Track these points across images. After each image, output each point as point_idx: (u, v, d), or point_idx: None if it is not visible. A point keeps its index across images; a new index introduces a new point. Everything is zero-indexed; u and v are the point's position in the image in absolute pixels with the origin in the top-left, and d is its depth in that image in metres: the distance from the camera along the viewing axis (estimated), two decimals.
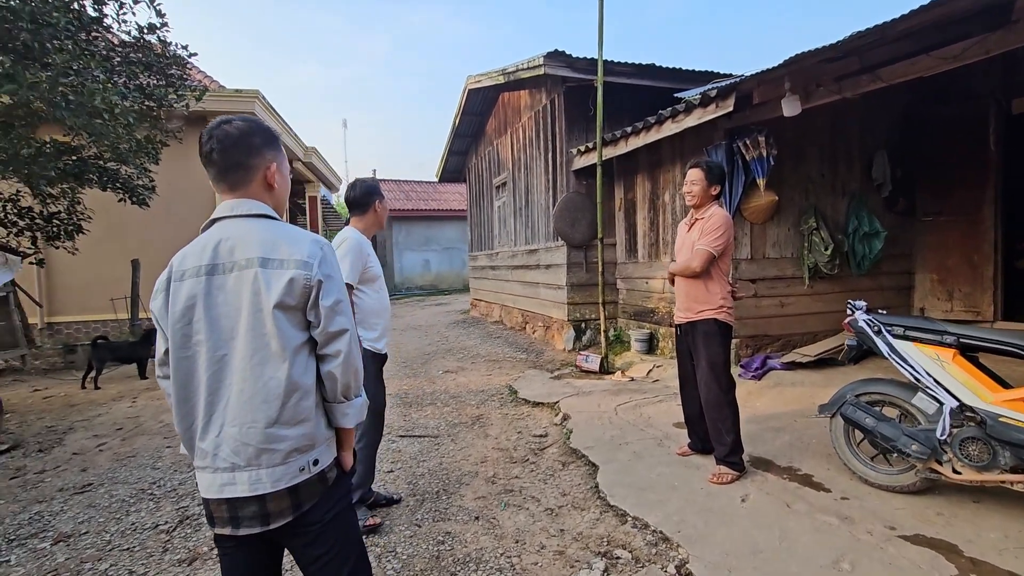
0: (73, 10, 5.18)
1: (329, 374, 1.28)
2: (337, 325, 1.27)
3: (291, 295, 1.21)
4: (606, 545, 2.44)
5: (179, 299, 1.23)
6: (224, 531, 1.25)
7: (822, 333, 4.99)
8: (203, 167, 1.31)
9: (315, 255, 1.25)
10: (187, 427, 1.26)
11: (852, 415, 2.74)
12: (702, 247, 2.97)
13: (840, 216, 5.12)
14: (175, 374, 1.24)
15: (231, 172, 1.29)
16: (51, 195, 6.38)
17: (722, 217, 3.00)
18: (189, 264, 1.24)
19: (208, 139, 1.28)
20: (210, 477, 1.24)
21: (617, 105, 6.52)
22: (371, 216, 2.76)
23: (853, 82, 3.53)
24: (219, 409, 1.22)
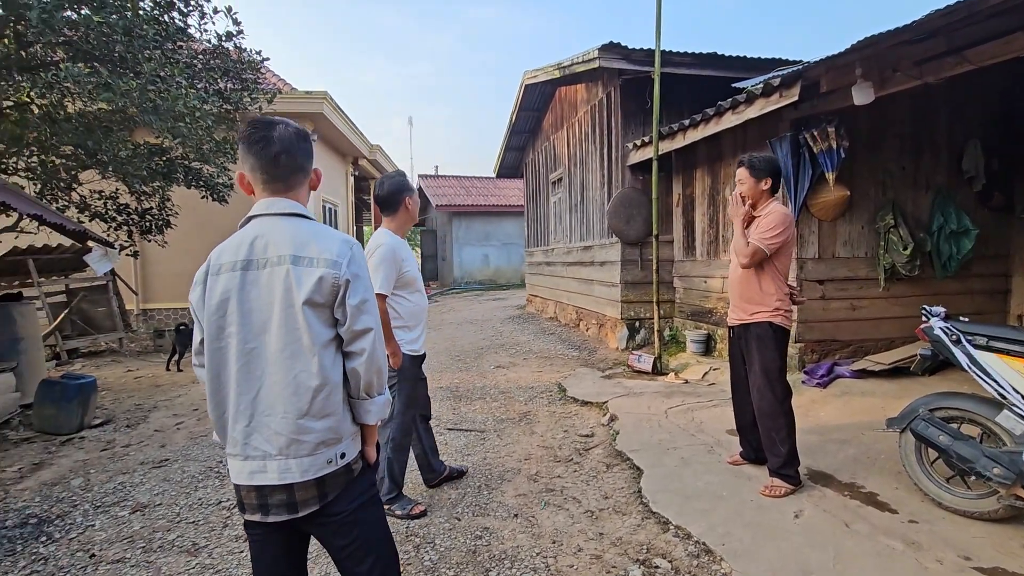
0: (161, 22, 5.62)
1: (353, 371, 1.32)
2: (362, 324, 1.30)
3: (320, 293, 1.25)
4: (645, 553, 2.38)
5: (215, 292, 1.27)
6: (254, 517, 1.31)
7: (899, 340, 4.60)
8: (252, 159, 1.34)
9: (344, 255, 1.29)
10: (219, 415, 1.30)
11: (924, 431, 2.52)
12: (753, 241, 2.82)
13: (922, 212, 4.70)
14: (209, 364, 1.29)
15: (294, 174, 1.35)
16: (144, 192, 6.99)
17: (780, 215, 2.82)
18: (226, 259, 1.29)
19: (273, 141, 1.31)
20: (241, 464, 1.29)
21: (675, 97, 6.29)
22: (403, 214, 2.72)
23: (936, 65, 3.20)
24: (249, 399, 1.27)
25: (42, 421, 4.30)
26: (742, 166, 2.93)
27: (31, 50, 5.44)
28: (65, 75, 4.72)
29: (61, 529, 2.77)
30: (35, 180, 6.31)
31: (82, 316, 7.74)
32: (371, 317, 1.32)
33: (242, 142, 1.33)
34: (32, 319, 5.24)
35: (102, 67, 5.20)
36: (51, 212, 5.16)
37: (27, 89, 5.78)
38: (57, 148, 6.19)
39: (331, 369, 1.29)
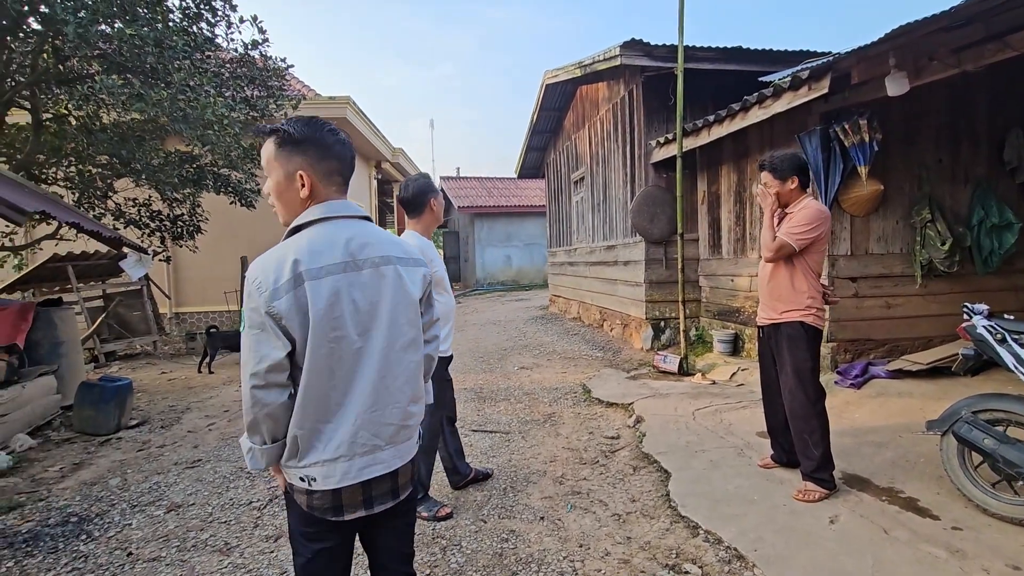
0: (190, 33, 5.78)
1: (427, 356, 1.46)
2: (434, 314, 1.49)
3: (422, 289, 1.39)
4: (674, 558, 2.34)
5: (321, 295, 1.20)
6: (356, 514, 1.29)
7: (937, 339, 4.44)
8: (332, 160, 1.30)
9: (422, 254, 1.47)
10: (312, 424, 1.24)
11: (967, 435, 2.41)
12: (780, 235, 2.75)
13: (961, 206, 4.52)
14: (313, 372, 1.21)
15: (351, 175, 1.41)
16: (176, 199, 7.20)
17: (813, 210, 2.75)
18: (326, 261, 1.23)
19: (349, 142, 1.35)
20: (345, 466, 1.25)
21: (699, 93, 6.19)
22: (428, 215, 2.70)
23: (976, 52, 3.07)
24: (355, 398, 1.25)
25: (82, 422, 4.45)
26: (764, 169, 2.87)
27: (68, 64, 5.65)
28: (100, 87, 4.89)
29: (100, 527, 2.85)
30: (73, 189, 6.55)
31: (118, 320, 8.00)
32: (435, 308, 1.50)
33: (317, 139, 1.28)
34: (72, 323, 5.43)
35: (135, 78, 5.37)
36: (88, 220, 5.34)
37: (65, 101, 6.01)
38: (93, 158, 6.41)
39: (422, 356, 1.42)
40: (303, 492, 1.27)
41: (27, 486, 3.42)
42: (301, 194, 1.28)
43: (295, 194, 1.28)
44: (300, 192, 1.27)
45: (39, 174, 6.27)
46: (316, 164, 1.28)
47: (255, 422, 1.23)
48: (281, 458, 1.27)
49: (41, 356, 4.93)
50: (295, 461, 1.26)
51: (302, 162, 1.27)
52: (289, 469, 1.28)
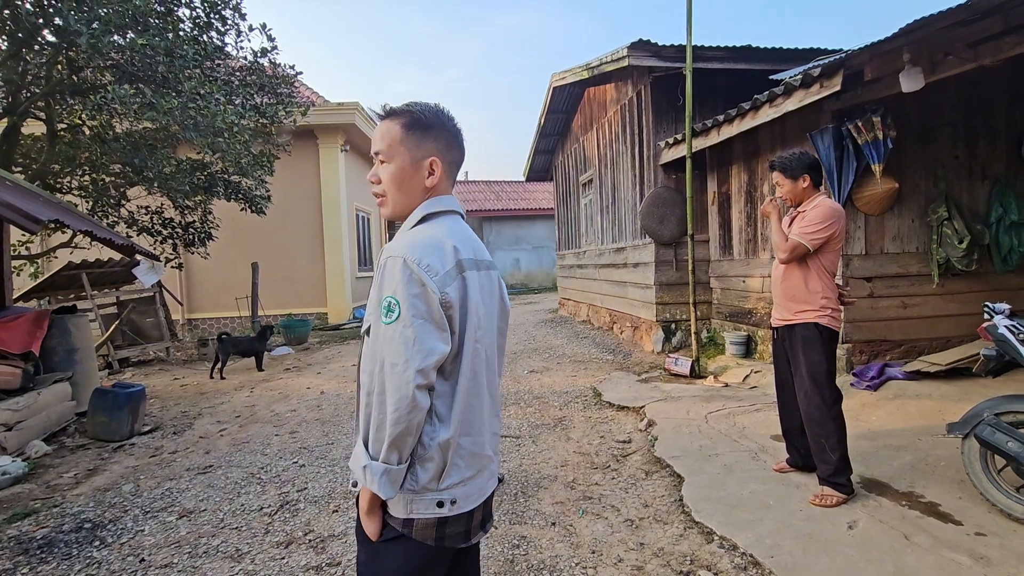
0: (200, 42, 5.85)
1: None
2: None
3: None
4: (689, 564, 2.29)
5: (475, 289, 1.11)
6: (478, 537, 1.19)
7: (955, 339, 4.34)
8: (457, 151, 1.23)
9: None
10: (459, 436, 1.10)
11: (990, 437, 2.35)
12: (793, 236, 2.72)
13: (979, 203, 4.43)
14: (465, 375, 1.10)
15: None
16: (187, 206, 7.28)
17: (826, 208, 2.70)
18: (467, 255, 1.13)
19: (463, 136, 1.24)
20: (480, 482, 1.15)
21: (708, 93, 6.15)
22: None
23: (994, 46, 3.01)
24: (485, 405, 1.17)
25: (95, 428, 4.49)
26: (775, 169, 2.85)
27: (82, 74, 5.74)
28: (113, 96, 4.95)
29: (113, 534, 2.87)
30: (87, 198, 6.65)
31: (132, 327, 8.09)
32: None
33: (447, 127, 1.19)
34: (86, 330, 5.49)
35: (146, 87, 5.45)
36: (101, 228, 5.41)
37: (79, 111, 6.10)
38: (107, 167, 6.51)
39: None
40: (432, 524, 1.07)
41: (42, 492, 3.45)
42: (427, 182, 1.17)
43: (420, 182, 1.17)
44: (427, 180, 1.17)
45: (54, 183, 6.37)
46: (445, 152, 1.19)
47: (405, 433, 1.01)
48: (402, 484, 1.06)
49: (56, 363, 4.98)
50: (436, 483, 1.07)
51: (434, 149, 1.17)
52: (422, 496, 1.07)
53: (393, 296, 1.02)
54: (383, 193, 1.18)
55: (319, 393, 5.83)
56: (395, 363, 1.00)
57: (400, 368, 1.00)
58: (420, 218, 1.16)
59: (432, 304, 1.03)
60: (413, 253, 1.04)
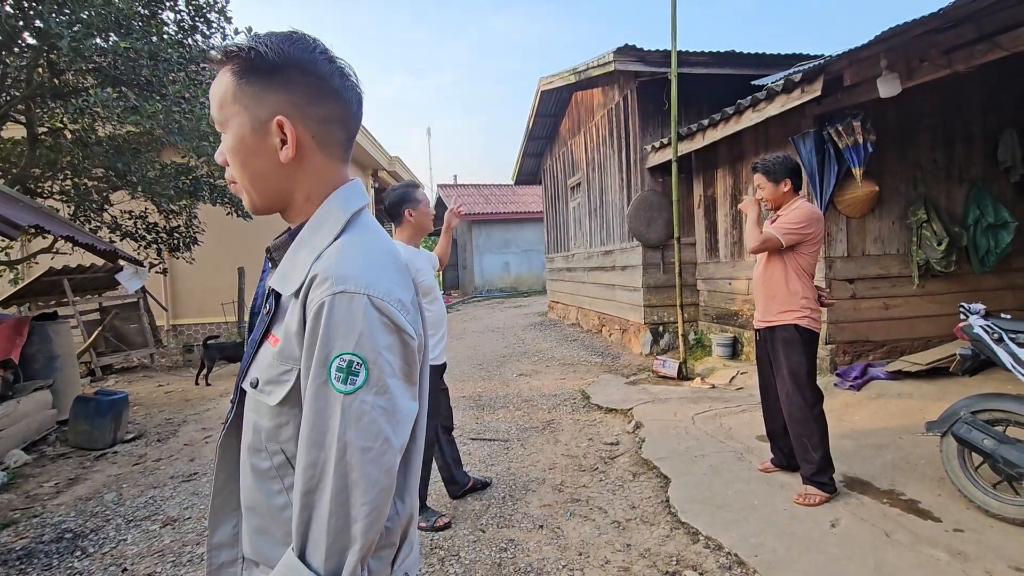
0: (185, 45, 5.80)
1: None
2: None
3: None
4: (675, 565, 2.31)
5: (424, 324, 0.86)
6: None
7: (936, 339, 4.42)
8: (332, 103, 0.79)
9: None
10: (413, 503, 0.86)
11: (966, 435, 2.40)
12: (768, 230, 2.77)
13: (957, 206, 4.52)
14: (419, 428, 0.83)
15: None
16: (172, 211, 7.19)
17: (805, 211, 2.75)
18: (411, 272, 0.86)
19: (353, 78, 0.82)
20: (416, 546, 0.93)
21: (693, 97, 6.22)
22: (407, 226, 2.66)
23: (967, 53, 3.09)
24: None
25: (77, 437, 4.42)
26: (757, 171, 2.89)
27: (63, 77, 5.66)
28: (95, 100, 4.89)
29: (95, 543, 2.82)
30: (69, 202, 6.55)
31: (115, 333, 7.97)
32: None
33: (307, 66, 0.76)
34: (67, 337, 5.41)
35: (130, 91, 5.39)
36: (82, 233, 5.34)
37: (60, 115, 6.02)
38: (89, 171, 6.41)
39: None
40: None
41: (22, 502, 3.39)
42: (280, 156, 0.76)
43: (272, 158, 0.76)
44: (280, 153, 0.76)
45: (35, 188, 6.27)
46: (305, 106, 0.76)
47: (376, 533, 0.71)
48: None
49: (36, 371, 4.90)
50: (390, 570, 0.80)
51: (283, 101, 0.75)
52: None
53: (356, 353, 0.69)
54: (233, 179, 0.81)
55: None
56: (369, 447, 0.69)
57: (378, 452, 0.70)
58: (347, 220, 0.78)
59: (409, 356, 0.74)
60: (378, 284, 0.72)
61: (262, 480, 0.78)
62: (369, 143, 12.55)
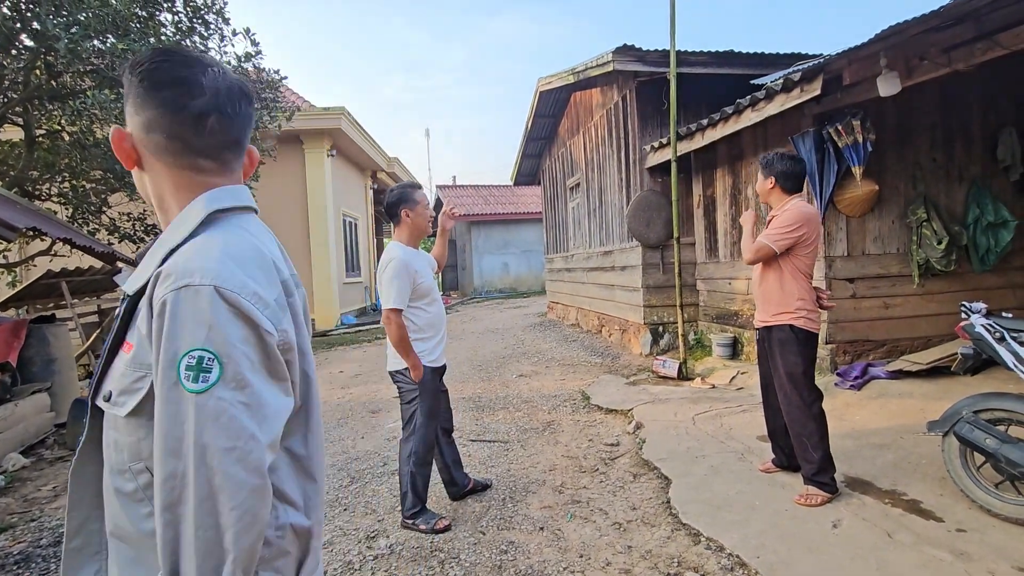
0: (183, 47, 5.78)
1: None
2: None
3: None
4: (676, 566, 2.30)
5: (300, 316, 0.82)
6: None
7: (936, 338, 4.42)
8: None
9: None
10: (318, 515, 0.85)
11: (968, 435, 2.39)
12: (760, 239, 2.77)
13: (957, 205, 4.51)
14: (316, 429, 0.83)
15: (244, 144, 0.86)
16: None
17: (795, 212, 2.74)
18: (288, 271, 0.83)
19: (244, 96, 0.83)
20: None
21: (692, 97, 6.21)
22: (405, 226, 2.67)
23: (966, 52, 3.08)
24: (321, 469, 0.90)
25: (75, 440, 4.39)
26: (759, 166, 2.91)
27: (61, 79, 5.65)
28: (93, 102, 4.88)
29: None
30: (67, 205, 6.53)
31: None
32: None
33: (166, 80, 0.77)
34: (65, 340, 5.39)
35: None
36: (80, 235, 5.32)
37: (58, 117, 6.00)
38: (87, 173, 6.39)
39: None
40: None
41: (19, 506, 3.37)
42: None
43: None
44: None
45: (33, 190, 6.26)
46: (133, 116, 0.80)
47: (257, 541, 0.67)
48: None
49: (34, 373, 4.88)
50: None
51: (125, 113, 0.82)
52: None
53: (206, 348, 0.65)
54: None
55: None
56: (231, 446, 0.65)
57: (242, 451, 0.65)
58: (204, 218, 0.77)
59: (270, 352, 0.71)
60: (230, 277, 0.69)
61: (129, 504, 0.72)
62: (368, 144, 12.54)
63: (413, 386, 2.68)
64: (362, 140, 12.05)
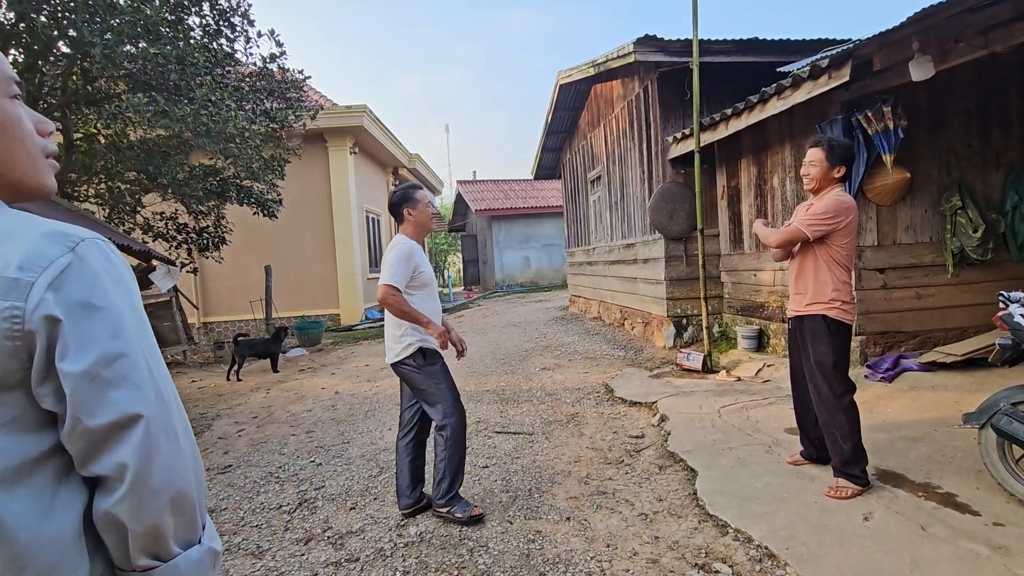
0: (211, 49, 5.93)
1: (108, 517, 0.63)
2: (109, 412, 0.62)
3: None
4: (704, 557, 2.31)
5: None
6: None
7: (971, 329, 4.30)
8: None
9: (42, 262, 0.62)
10: None
11: (1007, 427, 2.33)
12: (795, 223, 2.72)
13: (993, 192, 4.37)
14: None
15: None
16: (201, 212, 7.39)
17: (833, 200, 2.68)
18: None
19: None
20: None
21: (716, 87, 6.12)
22: (409, 224, 2.78)
23: (1004, 32, 2.98)
24: None
25: None
26: (817, 146, 2.73)
27: (96, 84, 5.85)
28: (127, 105, 5.05)
29: None
30: (104, 205, 6.78)
31: None
32: (132, 394, 0.64)
33: None
34: None
35: (159, 95, 5.54)
36: (117, 234, 5.52)
37: (94, 121, 6.22)
38: (122, 174, 6.62)
39: (40, 520, 0.61)
40: None
41: None
42: None
43: None
44: None
45: (71, 192, 6.50)
46: None
47: None
48: None
49: None
50: None
51: None
52: None
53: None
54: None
55: (333, 393, 5.90)
56: None
57: None
58: None
59: None
60: None
61: None
62: (389, 141, 12.65)
63: (424, 376, 2.73)
64: (383, 137, 12.17)
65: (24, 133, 0.72)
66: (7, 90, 0.71)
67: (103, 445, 0.62)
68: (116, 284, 0.67)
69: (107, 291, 0.65)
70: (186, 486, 0.68)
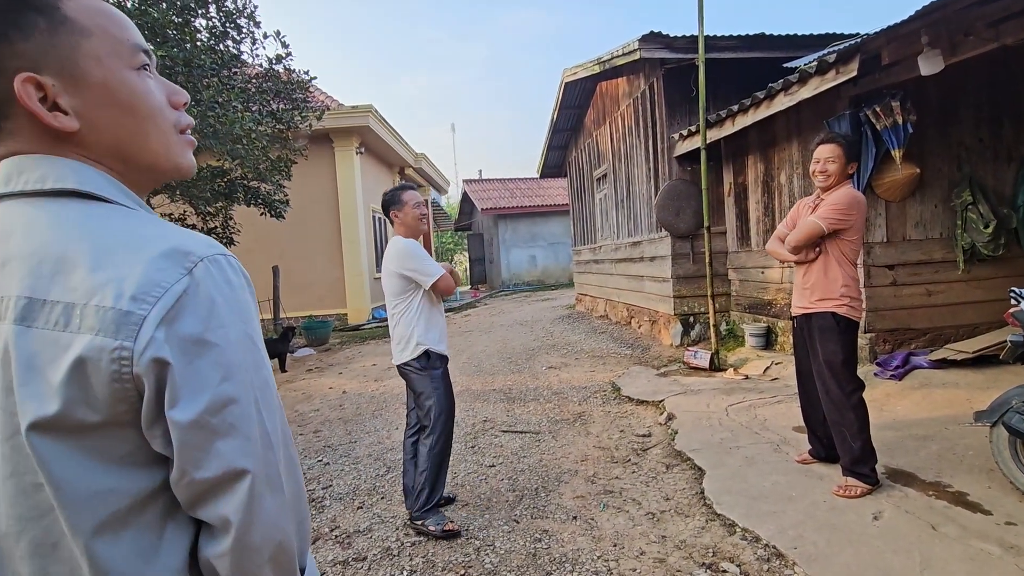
0: (217, 51, 5.96)
1: (209, 567, 0.61)
2: (217, 463, 0.58)
3: (81, 400, 0.55)
4: (711, 556, 2.30)
5: None
6: None
7: (983, 326, 4.25)
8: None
9: (159, 290, 0.56)
10: None
11: (1019, 425, 2.30)
12: (812, 218, 2.69)
13: (1005, 187, 4.32)
14: None
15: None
16: (209, 213, 7.43)
17: (847, 195, 2.67)
18: None
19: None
20: None
21: (722, 83, 6.08)
22: (400, 226, 2.79)
23: (1016, 25, 2.93)
24: None
25: None
26: (834, 143, 2.70)
27: None
28: None
29: None
30: None
31: None
32: (240, 445, 0.59)
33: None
34: None
35: None
36: None
37: None
38: None
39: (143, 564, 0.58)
40: None
41: None
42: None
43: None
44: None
45: None
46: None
47: None
48: None
49: None
50: None
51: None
52: None
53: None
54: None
55: (341, 393, 5.92)
56: None
57: None
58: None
59: None
60: None
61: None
62: (395, 141, 12.68)
63: (426, 379, 2.72)
64: (389, 137, 12.19)
65: (153, 108, 0.67)
66: (132, 60, 0.65)
67: (209, 496, 0.59)
68: (233, 312, 0.61)
69: (223, 323, 0.59)
70: (286, 539, 0.64)
